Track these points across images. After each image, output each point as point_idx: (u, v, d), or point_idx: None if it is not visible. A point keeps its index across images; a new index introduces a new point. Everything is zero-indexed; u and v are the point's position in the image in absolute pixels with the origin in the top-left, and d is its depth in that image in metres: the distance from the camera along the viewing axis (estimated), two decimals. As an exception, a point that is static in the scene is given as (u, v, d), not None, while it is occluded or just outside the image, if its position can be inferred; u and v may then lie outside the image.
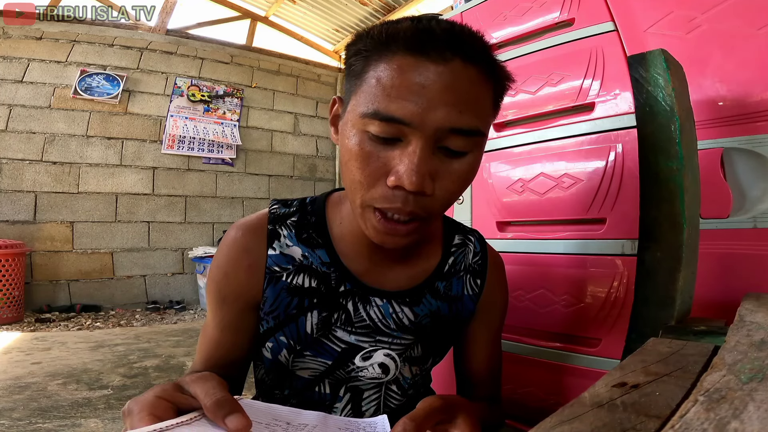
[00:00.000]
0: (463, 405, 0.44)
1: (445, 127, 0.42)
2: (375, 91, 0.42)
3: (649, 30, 0.76)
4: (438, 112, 0.41)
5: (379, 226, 0.46)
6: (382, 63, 0.43)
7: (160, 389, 0.36)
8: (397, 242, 0.47)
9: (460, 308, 0.60)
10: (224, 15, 4.46)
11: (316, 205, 0.58)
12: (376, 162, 0.43)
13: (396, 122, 0.41)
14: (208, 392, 0.36)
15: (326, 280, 0.54)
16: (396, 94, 0.41)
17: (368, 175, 0.44)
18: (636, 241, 0.67)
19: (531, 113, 0.88)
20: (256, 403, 0.42)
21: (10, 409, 1.53)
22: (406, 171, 0.41)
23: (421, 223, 0.47)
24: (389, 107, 0.41)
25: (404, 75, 0.41)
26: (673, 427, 0.24)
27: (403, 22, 0.44)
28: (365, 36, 0.45)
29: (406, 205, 0.43)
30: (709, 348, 0.41)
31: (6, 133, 3.25)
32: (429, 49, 0.41)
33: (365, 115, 0.42)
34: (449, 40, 0.42)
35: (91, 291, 3.47)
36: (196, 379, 0.38)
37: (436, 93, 0.41)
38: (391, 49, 0.42)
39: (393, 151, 0.43)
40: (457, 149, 0.44)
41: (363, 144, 0.43)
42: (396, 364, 0.56)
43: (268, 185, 4.36)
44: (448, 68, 0.41)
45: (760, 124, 0.68)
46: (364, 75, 0.44)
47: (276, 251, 0.54)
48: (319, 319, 0.54)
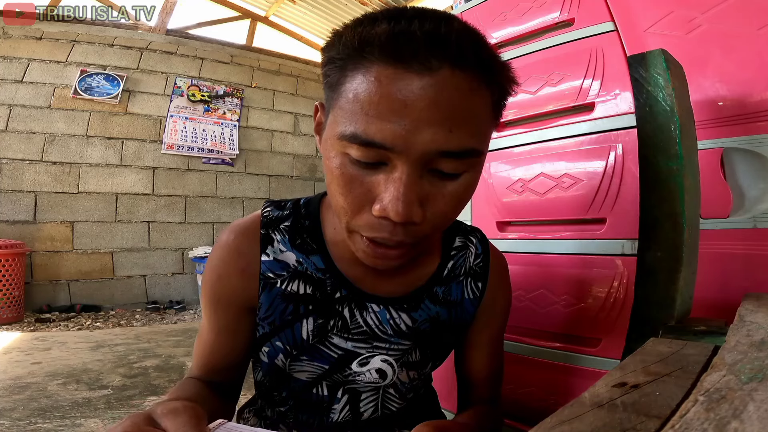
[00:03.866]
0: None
1: (432, 151, 0.37)
2: (352, 109, 0.37)
3: (649, 30, 0.76)
4: (424, 134, 0.36)
5: (368, 250, 0.43)
6: (358, 74, 0.37)
7: (129, 423, 0.34)
8: (389, 264, 0.45)
9: (459, 313, 0.59)
10: (224, 15, 4.46)
11: (311, 207, 0.55)
12: (360, 188, 0.39)
13: (377, 147, 0.36)
14: (178, 429, 0.33)
15: (321, 286, 0.53)
16: (375, 114, 0.36)
17: (351, 201, 0.40)
18: (636, 241, 0.67)
19: (531, 113, 0.88)
20: (239, 427, 0.40)
21: (10, 409, 1.53)
22: (392, 201, 0.37)
23: (414, 247, 0.43)
24: (368, 130, 0.36)
25: (383, 90, 0.36)
26: (673, 427, 0.24)
27: (379, 21, 0.37)
28: (338, 40, 0.39)
29: (394, 235, 0.40)
30: (709, 348, 0.41)
31: (6, 133, 3.25)
32: (410, 58, 0.35)
33: (343, 137, 0.38)
34: (434, 44, 0.35)
35: (91, 291, 3.47)
36: (167, 412, 0.34)
37: (421, 111, 0.35)
38: (366, 58, 0.36)
39: (377, 175, 0.39)
40: (449, 171, 0.39)
41: (344, 167, 0.39)
42: (393, 369, 0.56)
43: (268, 185, 4.36)
44: (434, 79, 0.35)
45: (760, 124, 0.68)
46: (340, 88, 0.39)
47: (270, 257, 0.52)
48: (315, 325, 0.53)
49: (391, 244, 0.41)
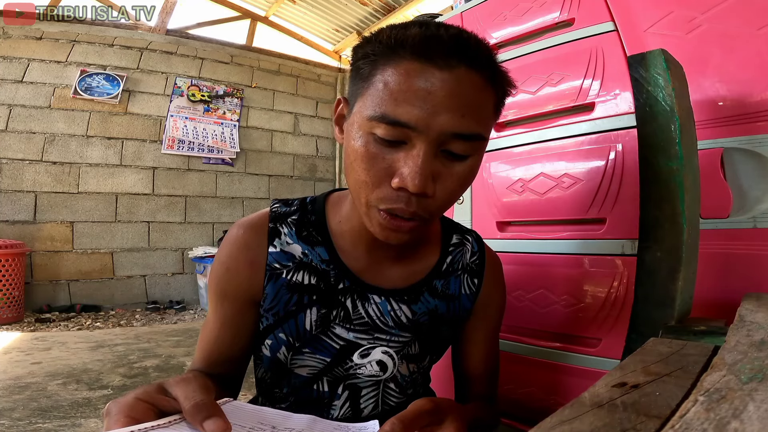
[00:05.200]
0: (452, 408, 0.44)
1: (447, 132, 0.43)
2: (382, 95, 0.43)
3: (649, 30, 0.76)
4: (442, 117, 0.42)
5: (384, 222, 0.47)
6: (389, 67, 0.44)
7: (141, 391, 0.36)
8: (400, 238, 0.48)
9: (457, 307, 0.61)
10: (224, 15, 4.45)
11: (317, 204, 0.59)
12: (381, 163, 0.45)
13: (402, 126, 0.43)
14: (188, 395, 0.35)
15: (325, 277, 0.55)
16: (402, 99, 0.42)
17: (373, 175, 0.45)
18: (636, 241, 0.67)
19: (531, 113, 0.88)
20: (245, 405, 0.42)
21: (10, 409, 1.53)
22: (410, 173, 0.43)
23: (422, 222, 0.48)
24: (396, 111, 0.43)
25: (411, 80, 0.42)
26: (673, 427, 0.24)
27: (411, 27, 0.45)
28: (374, 40, 0.46)
29: (409, 206, 0.45)
30: (709, 348, 0.41)
31: (6, 133, 3.25)
32: (435, 56, 0.42)
33: (372, 117, 0.44)
34: (456, 47, 0.43)
35: (91, 291, 3.47)
36: (179, 381, 0.37)
37: (441, 99, 0.42)
38: (399, 54, 0.43)
39: (397, 153, 0.44)
40: (459, 153, 0.45)
41: (369, 146, 0.45)
42: (394, 361, 0.57)
43: (268, 185, 4.36)
44: (453, 75, 0.43)
45: (760, 124, 0.68)
46: (372, 78, 0.45)
47: (276, 249, 0.55)
48: (318, 315, 0.55)
49: (406, 216, 0.46)
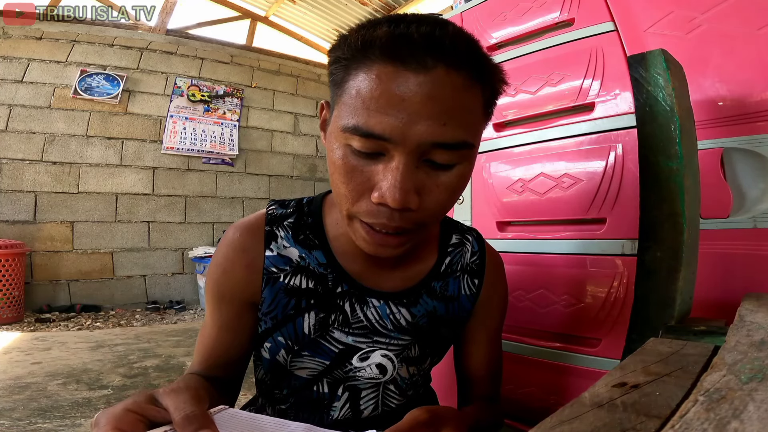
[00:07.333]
0: (450, 417, 0.43)
1: (427, 142, 0.40)
2: (354, 104, 0.40)
3: (649, 30, 0.76)
4: (420, 127, 0.39)
5: (368, 237, 0.45)
6: (361, 72, 0.40)
7: (131, 401, 0.35)
8: (390, 253, 0.46)
9: (456, 308, 0.60)
10: (224, 15, 4.46)
11: (313, 206, 0.58)
12: (360, 176, 0.42)
13: (376, 138, 0.40)
14: (178, 406, 0.34)
15: (323, 281, 0.54)
16: (375, 108, 0.39)
17: (352, 189, 0.43)
18: (636, 241, 0.67)
19: (531, 113, 0.88)
20: (239, 412, 0.41)
21: (10, 409, 1.53)
22: (389, 188, 0.40)
23: (412, 234, 0.46)
24: (369, 122, 0.39)
25: (383, 86, 0.39)
26: (673, 427, 0.24)
27: (380, 26, 0.41)
28: (343, 42, 0.43)
29: (392, 221, 0.43)
30: (709, 348, 0.41)
31: (6, 133, 3.25)
32: (408, 57, 0.39)
33: (346, 129, 0.41)
34: (430, 45, 0.39)
35: (91, 291, 3.47)
36: (170, 391, 0.36)
37: (417, 105, 0.39)
38: (369, 57, 0.40)
39: (377, 165, 0.42)
40: (443, 162, 0.42)
41: (346, 158, 0.42)
42: (393, 364, 0.57)
43: (268, 185, 4.36)
44: (429, 77, 0.39)
45: (760, 124, 0.68)
46: (345, 85, 0.42)
47: (273, 252, 0.54)
48: (317, 320, 0.54)
49: (390, 231, 0.44)
